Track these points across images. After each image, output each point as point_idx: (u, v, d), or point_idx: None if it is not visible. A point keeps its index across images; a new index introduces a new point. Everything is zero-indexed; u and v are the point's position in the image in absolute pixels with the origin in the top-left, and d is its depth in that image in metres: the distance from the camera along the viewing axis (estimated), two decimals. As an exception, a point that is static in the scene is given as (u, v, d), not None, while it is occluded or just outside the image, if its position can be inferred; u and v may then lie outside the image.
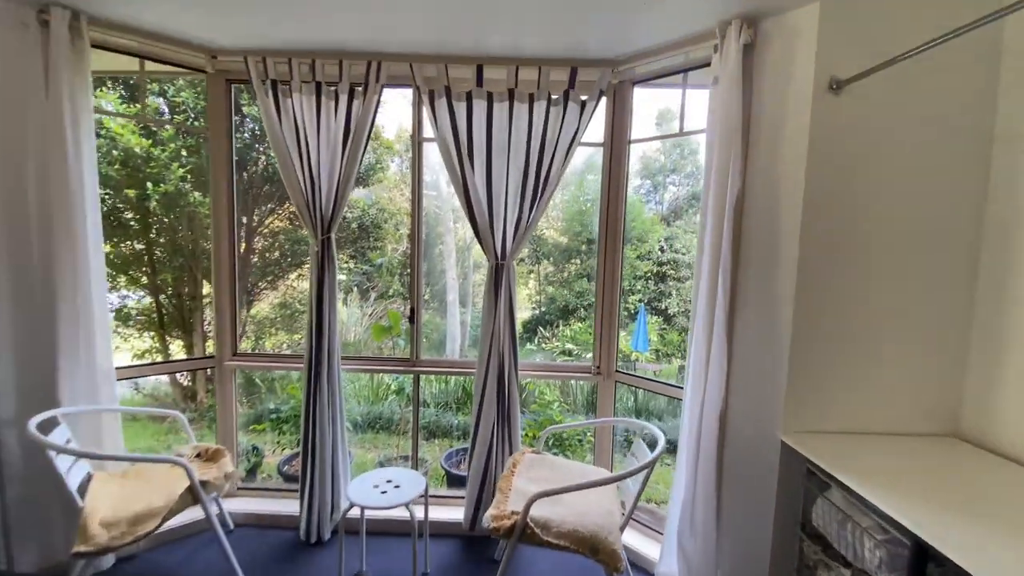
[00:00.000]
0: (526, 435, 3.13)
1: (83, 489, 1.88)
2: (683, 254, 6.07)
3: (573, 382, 4.59)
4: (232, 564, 1.97)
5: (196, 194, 3.98)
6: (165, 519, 1.79)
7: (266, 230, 5.11)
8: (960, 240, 1.77)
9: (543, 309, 6.18)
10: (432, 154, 2.49)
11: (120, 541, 1.71)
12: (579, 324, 5.95)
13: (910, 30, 1.63)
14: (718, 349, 1.92)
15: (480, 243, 2.34)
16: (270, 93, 2.26)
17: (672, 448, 2.18)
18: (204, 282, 4.48)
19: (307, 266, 5.34)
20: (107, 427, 2.12)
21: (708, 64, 2.08)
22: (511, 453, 2.38)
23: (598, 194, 2.54)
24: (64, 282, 1.95)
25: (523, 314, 6.04)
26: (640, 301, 5.93)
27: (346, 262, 5.34)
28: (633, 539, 2.43)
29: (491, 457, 2.40)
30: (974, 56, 1.69)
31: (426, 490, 2.11)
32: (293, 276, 5.19)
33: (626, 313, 6.01)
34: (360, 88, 2.27)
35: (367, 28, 2.08)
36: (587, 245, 6.00)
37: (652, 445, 1.96)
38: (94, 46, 2.06)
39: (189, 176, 3.96)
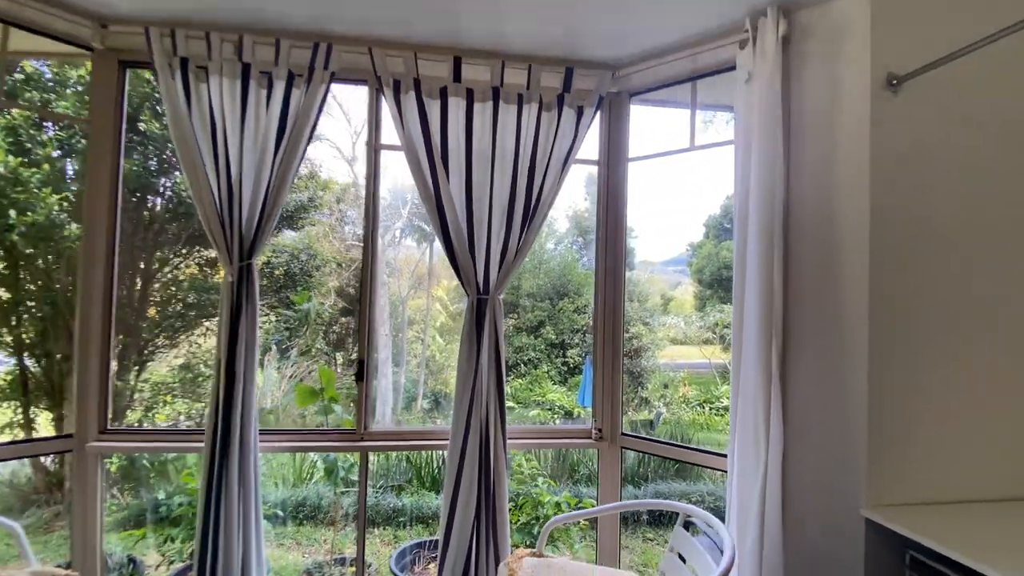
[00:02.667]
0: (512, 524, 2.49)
1: None
2: (617, 307, 6.09)
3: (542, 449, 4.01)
4: None
5: (74, 226, 3.17)
6: None
7: (167, 277, 4.27)
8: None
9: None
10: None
11: None
12: (519, 381, 5.71)
13: (977, 16, 1.43)
14: (774, 407, 1.51)
15: (457, 274, 1.84)
16: (178, 75, 1.70)
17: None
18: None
19: (216, 319, 4.53)
20: None
21: (719, 71, 1.83)
22: (498, 555, 1.78)
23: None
24: None
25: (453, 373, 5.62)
26: (587, 354, 5.76)
27: (265, 314, 4.55)
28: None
29: (471, 560, 1.78)
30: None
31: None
32: (198, 332, 4.32)
33: (566, 367, 5.91)
34: (302, 76, 1.77)
35: (312, 6, 1.63)
36: (528, 299, 6.01)
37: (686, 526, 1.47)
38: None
39: (66, 204, 3.16)
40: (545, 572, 1.55)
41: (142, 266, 4.18)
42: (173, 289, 4.31)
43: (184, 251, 4.27)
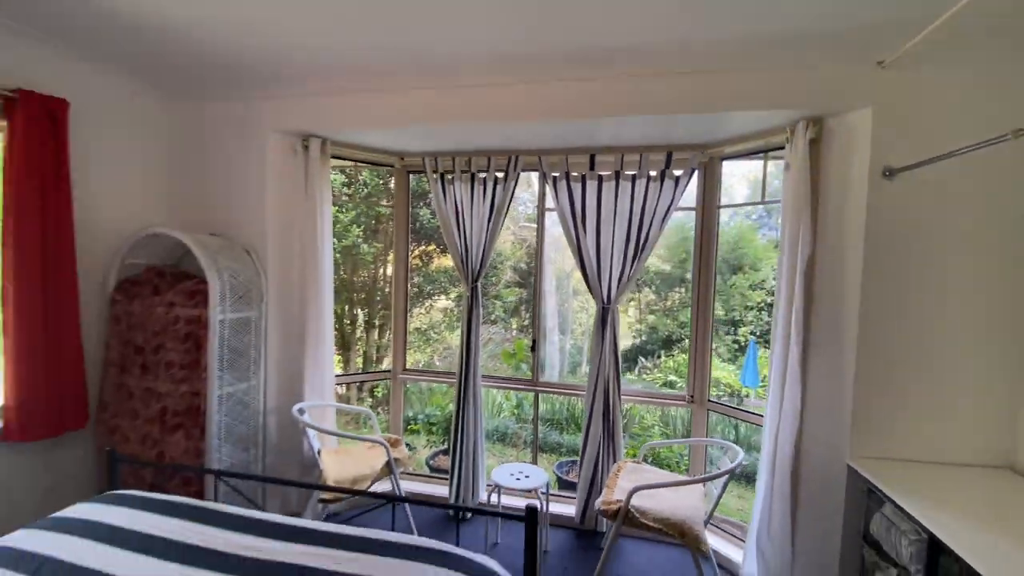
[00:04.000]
0: (627, 453, 3.63)
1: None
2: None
3: (673, 411, 4.95)
4: (411, 524, 2.75)
5: (364, 245, 5.10)
6: (371, 483, 2.59)
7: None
8: (1008, 295, 2.05)
9: (644, 338, 6.01)
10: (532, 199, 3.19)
11: (345, 497, 2.54)
12: (683, 356, 5.49)
13: (953, 127, 2.00)
14: (793, 385, 2.33)
15: (589, 290, 2.96)
16: (439, 182, 3.11)
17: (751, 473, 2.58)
18: (358, 312, 5.60)
19: (435, 297, 6.33)
20: (327, 417, 3.05)
21: (782, 147, 2.55)
22: (615, 462, 2.92)
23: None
24: (311, 320, 2.91)
25: (624, 342, 5.95)
26: (751, 334, 5.70)
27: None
28: (721, 545, 2.82)
29: (598, 464, 2.96)
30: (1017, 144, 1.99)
31: (548, 484, 2.73)
32: (424, 306, 6.18)
33: (736, 346, 5.65)
34: (501, 175, 3.04)
35: (507, 138, 2.86)
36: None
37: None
38: (331, 157, 3.06)
39: (361, 232, 5.09)
40: (638, 470, 2.66)
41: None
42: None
43: (412, 248, 6.10)
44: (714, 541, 2.81)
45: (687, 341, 5.32)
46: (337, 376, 4.32)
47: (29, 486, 2.39)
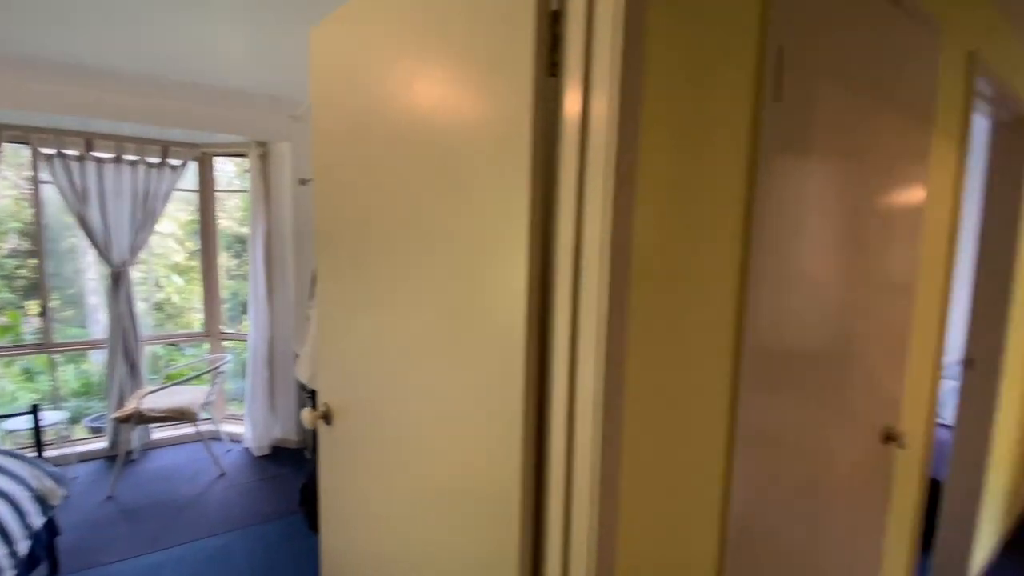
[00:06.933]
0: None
1: None
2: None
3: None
4: None
5: None
6: None
7: None
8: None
9: (227, 304, 6.31)
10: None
11: None
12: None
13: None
14: (262, 312, 3.73)
15: (102, 256, 3.52)
16: None
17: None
18: None
19: None
20: None
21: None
22: (138, 385, 3.68)
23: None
24: None
25: (196, 316, 5.91)
26: None
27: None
28: (233, 428, 4.09)
29: (123, 397, 3.65)
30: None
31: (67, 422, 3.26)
32: None
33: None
34: (-23, 148, 3.13)
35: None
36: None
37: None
38: None
39: None
40: (157, 390, 3.55)
41: None
42: None
43: None
44: (229, 427, 4.05)
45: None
46: None
47: None
